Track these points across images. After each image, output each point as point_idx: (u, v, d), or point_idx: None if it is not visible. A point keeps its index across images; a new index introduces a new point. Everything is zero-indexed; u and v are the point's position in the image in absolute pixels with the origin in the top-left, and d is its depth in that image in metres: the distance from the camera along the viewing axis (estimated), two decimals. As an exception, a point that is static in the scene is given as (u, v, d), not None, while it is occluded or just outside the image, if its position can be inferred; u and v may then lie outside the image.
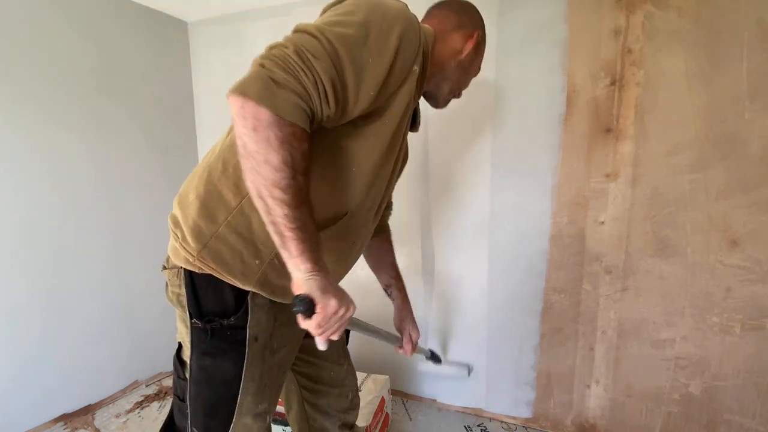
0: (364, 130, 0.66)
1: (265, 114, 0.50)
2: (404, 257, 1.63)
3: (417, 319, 1.64)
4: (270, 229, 0.56)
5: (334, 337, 0.62)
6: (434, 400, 1.70)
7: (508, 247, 1.44)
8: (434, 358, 1.39)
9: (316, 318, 0.57)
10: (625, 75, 1.19)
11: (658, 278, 1.24)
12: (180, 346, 0.77)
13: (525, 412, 1.53)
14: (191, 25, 1.91)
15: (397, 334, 1.10)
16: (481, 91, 1.38)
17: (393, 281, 1.09)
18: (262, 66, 0.52)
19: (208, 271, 0.66)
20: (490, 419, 1.59)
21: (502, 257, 1.45)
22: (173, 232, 0.71)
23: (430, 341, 1.65)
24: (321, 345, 0.62)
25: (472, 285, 1.52)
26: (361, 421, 1.29)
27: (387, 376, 1.55)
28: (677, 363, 1.27)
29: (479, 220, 1.47)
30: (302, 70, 0.52)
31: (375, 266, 1.10)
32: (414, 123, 0.84)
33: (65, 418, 1.58)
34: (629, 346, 1.32)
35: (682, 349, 1.25)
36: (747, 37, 1.05)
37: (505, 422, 1.57)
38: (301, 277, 0.57)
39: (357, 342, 1.80)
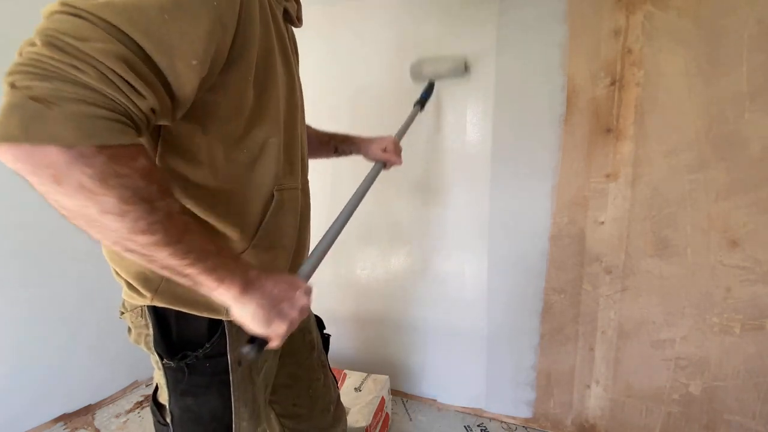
0: (234, 99, 0.53)
1: (54, 154, 0.34)
2: (404, 257, 1.63)
3: (417, 320, 1.64)
4: (167, 275, 0.45)
5: (303, 315, 0.55)
6: (434, 400, 1.70)
7: (508, 247, 1.44)
8: (424, 97, 1.27)
9: (276, 341, 0.52)
10: (625, 75, 1.19)
11: (658, 278, 1.24)
12: (157, 387, 0.69)
13: (525, 412, 1.53)
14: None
15: (376, 165, 0.97)
16: (480, 91, 1.38)
17: (333, 139, 0.99)
18: (13, 86, 0.34)
19: (173, 307, 0.59)
20: (490, 419, 1.59)
21: (502, 257, 1.45)
22: (120, 281, 0.62)
23: (430, 341, 1.65)
24: (274, 342, 0.56)
25: (472, 285, 1.52)
26: (361, 422, 1.29)
27: (387, 376, 1.55)
28: (677, 363, 1.27)
29: (479, 220, 1.47)
30: (70, 65, 0.35)
31: (312, 148, 0.93)
32: (291, 20, 0.69)
33: (65, 418, 1.58)
34: (629, 346, 1.32)
35: (682, 349, 1.25)
36: (747, 37, 1.05)
37: (505, 422, 1.57)
38: (236, 308, 0.49)
39: (357, 342, 1.80)
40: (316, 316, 0.97)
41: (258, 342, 0.51)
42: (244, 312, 0.49)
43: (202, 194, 0.56)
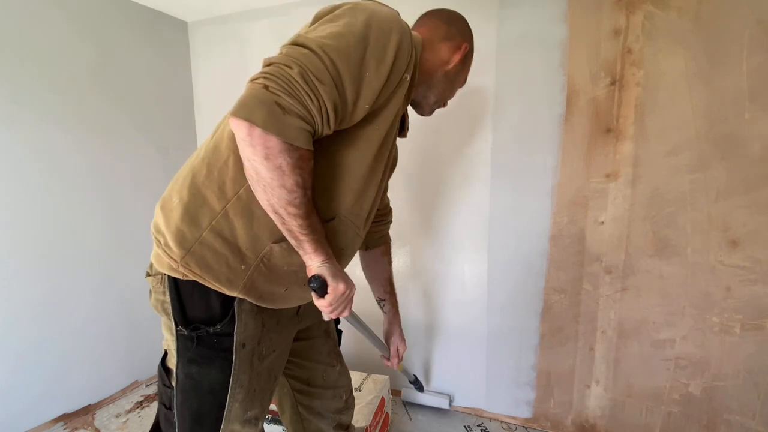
0: (356, 136, 0.67)
1: (274, 142, 0.53)
2: (404, 257, 1.63)
3: (418, 320, 1.65)
4: (285, 234, 0.62)
5: (345, 313, 0.70)
6: (434, 400, 1.70)
7: (508, 247, 1.44)
8: (417, 384, 1.43)
9: (328, 297, 0.65)
10: (625, 75, 1.19)
11: (658, 278, 1.24)
12: (165, 353, 0.76)
13: (525, 412, 1.53)
14: (191, 25, 1.91)
15: (385, 345, 1.13)
16: (481, 91, 1.38)
17: (387, 296, 1.11)
18: (266, 88, 0.52)
19: (193, 278, 0.65)
20: (490, 419, 1.59)
21: (502, 257, 1.45)
22: (155, 238, 0.69)
23: (431, 340, 1.65)
24: (326, 317, 0.70)
25: (472, 285, 1.52)
26: (361, 421, 1.29)
27: (387, 376, 1.55)
28: (677, 363, 1.27)
29: (479, 220, 1.47)
30: (307, 95, 0.53)
31: (371, 278, 1.11)
32: (402, 128, 0.85)
33: (65, 418, 1.58)
34: (629, 346, 1.32)
35: (682, 349, 1.25)
36: (747, 37, 1.05)
37: (505, 422, 1.57)
38: (315, 265, 0.64)
39: (357, 342, 1.80)
40: None
41: (321, 280, 0.64)
42: (324, 268, 0.64)
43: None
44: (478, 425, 1.56)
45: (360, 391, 1.45)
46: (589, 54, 1.22)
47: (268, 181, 0.55)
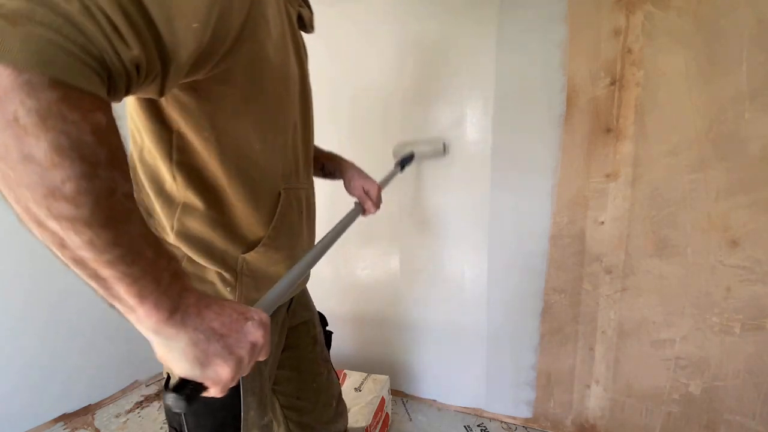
0: (250, 86, 0.51)
1: (1, 74, 0.27)
2: (404, 257, 1.63)
3: (417, 320, 1.64)
4: (79, 273, 0.33)
5: (262, 358, 0.44)
6: (434, 400, 1.70)
7: (508, 247, 1.44)
8: (405, 161, 1.29)
9: (215, 389, 0.40)
10: (625, 75, 1.19)
11: (658, 278, 1.24)
12: (168, 377, 0.68)
13: (525, 412, 1.53)
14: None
15: (356, 206, 0.94)
16: (480, 91, 1.38)
17: (323, 162, 0.96)
18: None
19: None
20: (490, 419, 1.59)
21: (502, 257, 1.45)
22: None
23: (430, 341, 1.65)
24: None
25: (472, 285, 1.52)
26: (361, 422, 1.29)
27: (387, 376, 1.55)
28: (677, 363, 1.27)
29: (479, 220, 1.47)
30: None
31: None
32: (303, 25, 0.68)
33: (65, 418, 1.58)
34: (629, 346, 1.32)
35: (682, 349, 1.25)
36: (747, 37, 1.05)
37: (505, 422, 1.57)
38: (153, 340, 0.37)
39: (357, 342, 1.80)
40: (320, 313, 0.98)
41: (189, 387, 0.38)
42: (170, 348, 0.37)
43: (212, 190, 0.57)
44: (478, 425, 1.56)
45: (360, 391, 1.45)
46: (589, 54, 1.22)
47: (2, 152, 0.28)
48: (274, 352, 0.76)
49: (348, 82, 1.58)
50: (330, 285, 1.78)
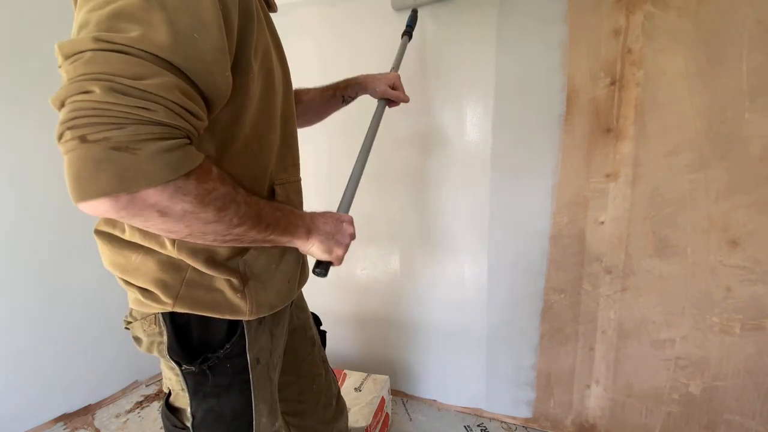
0: (249, 84, 0.54)
1: (153, 195, 0.37)
2: (404, 257, 1.63)
3: (417, 320, 1.64)
4: (259, 245, 0.56)
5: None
6: (434, 400, 1.70)
7: (508, 247, 1.44)
8: (410, 25, 1.22)
9: (338, 262, 0.64)
10: (625, 75, 1.19)
11: (658, 278, 1.24)
12: (169, 392, 0.68)
13: (525, 412, 1.53)
14: (191, 25, 1.90)
15: (380, 103, 0.98)
16: (480, 91, 1.38)
17: (337, 90, 0.98)
18: (83, 140, 0.36)
19: (191, 312, 0.59)
20: (490, 419, 1.59)
21: (502, 257, 1.45)
22: (131, 290, 0.61)
23: (431, 340, 1.65)
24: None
25: (472, 285, 1.52)
26: (361, 421, 1.29)
27: (387, 376, 1.55)
28: (677, 363, 1.27)
29: (479, 220, 1.47)
30: (138, 107, 0.36)
31: (320, 108, 0.98)
32: (269, 5, 0.73)
33: (65, 418, 1.58)
34: (629, 346, 1.32)
35: (682, 349, 1.25)
36: (747, 37, 1.05)
37: (505, 422, 1.57)
38: (305, 248, 0.62)
39: (357, 342, 1.80)
40: (313, 314, 0.98)
41: (324, 264, 0.64)
42: (313, 249, 0.61)
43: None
44: (478, 425, 1.56)
45: (360, 391, 1.45)
46: (589, 54, 1.22)
47: (189, 231, 0.43)
48: (282, 355, 0.76)
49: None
50: (330, 285, 1.77)
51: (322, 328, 1.00)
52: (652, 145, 1.19)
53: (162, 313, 0.59)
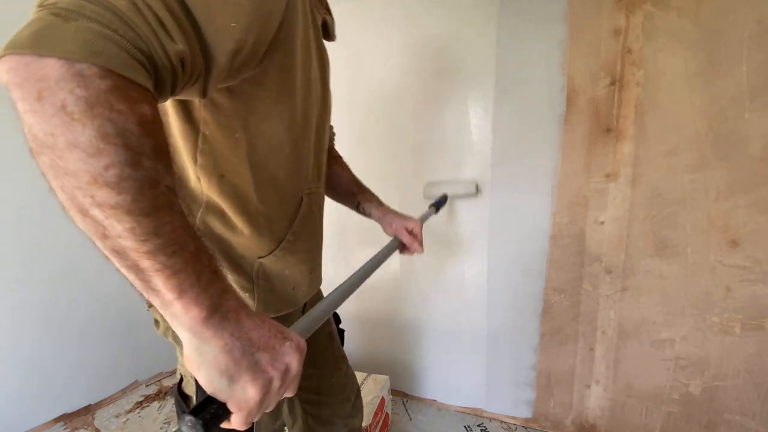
0: (278, 90, 0.52)
1: (50, 65, 0.28)
2: (404, 257, 1.63)
3: (417, 320, 1.63)
4: (118, 265, 0.34)
5: (289, 394, 0.41)
6: (434, 400, 1.70)
7: (508, 247, 1.44)
8: (439, 203, 1.25)
9: (239, 415, 0.36)
10: (625, 75, 1.19)
11: (658, 278, 1.24)
12: (182, 378, 0.70)
13: (525, 412, 1.53)
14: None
15: (393, 242, 0.93)
16: (480, 91, 1.38)
17: (359, 196, 0.96)
18: (41, 6, 0.31)
19: None
20: (490, 419, 1.59)
21: (502, 257, 1.45)
22: None
23: (431, 340, 1.65)
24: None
25: (472, 285, 1.52)
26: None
27: (387, 376, 1.55)
28: (677, 363, 1.27)
29: (479, 220, 1.47)
30: None
31: (337, 195, 0.96)
32: (327, 33, 0.69)
33: (65, 418, 1.58)
34: (629, 346, 1.32)
35: (682, 349, 1.25)
36: (747, 37, 1.05)
37: (505, 422, 1.57)
38: (188, 341, 0.35)
39: (357, 342, 1.80)
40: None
41: (210, 411, 0.34)
42: (201, 352, 0.35)
43: (237, 192, 0.56)
44: (478, 425, 1.56)
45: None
46: (589, 54, 1.22)
47: (49, 139, 0.29)
48: None
49: (349, 84, 1.58)
50: (330, 285, 1.77)
51: (340, 326, 1.01)
52: (652, 145, 1.19)
53: None
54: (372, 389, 1.45)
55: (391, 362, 1.73)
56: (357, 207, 0.97)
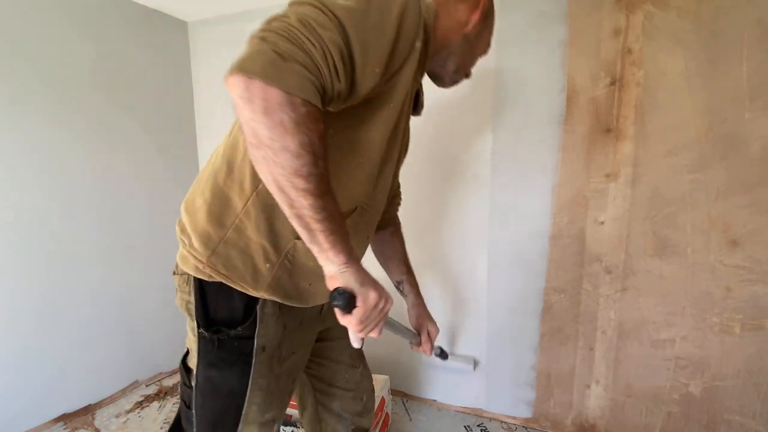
0: (368, 117, 0.62)
1: (274, 93, 0.45)
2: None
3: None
4: (295, 223, 0.52)
5: (374, 334, 0.60)
6: (434, 400, 1.70)
7: (508, 247, 1.44)
8: (443, 354, 1.34)
9: (357, 313, 0.55)
10: (625, 75, 1.19)
11: (658, 278, 1.24)
12: (187, 352, 0.76)
13: (525, 412, 1.53)
14: (191, 25, 1.91)
15: (415, 332, 1.04)
16: (480, 91, 1.38)
17: (405, 276, 1.05)
18: (264, 40, 0.47)
19: (218, 279, 0.65)
20: (490, 419, 1.59)
21: (502, 257, 1.45)
22: (181, 239, 0.69)
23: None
24: (356, 342, 0.60)
25: (472, 285, 1.52)
26: (361, 421, 1.29)
27: (387, 376, 1.55)
28: (677, 363, 1.27)
29: (479, 220, 1.47)
30: (309, 40, 0.47)
31: (385, 261, 1.06)
32: (416, 106, 0.81)
33: (65, 418, 1.58)
34: (629, 346, 1.32)
35: (682, 349, 1.25)
36: (747, 37, 1.05)
37: (505, 422, 1.57)
38: (335, 270, 0.54)
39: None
40: None
41: (348, 297, 0.54)
42: (341, 274, 0.54)
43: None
44: (478, 425, 1.56)
45: (360, 391, 1.45)
46: (589, 54, 1.22)
47: (268, 142, 0.46)
48: (298, 355, 0.77)
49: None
50: (330, 285, 1.77)
51: None
52: (652, 145, 1.19)
53: (194, 277, 0.67)
54: (372, 389, 1.45)
55: (391, 362, 1.73)
56: (398, 284, 1.07)
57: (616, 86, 1.21)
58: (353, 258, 0.55)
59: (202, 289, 0.67)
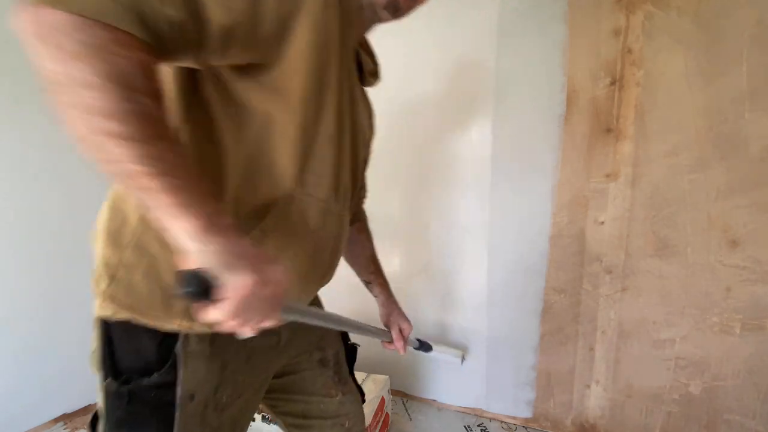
0: (269, 82, 0.49)
1: (60, 17, 0.33)
2: (403, 257, 1.63)
3: (417, 320, 1.63)
4: (129, 189, 0.39)
5: (269, 322, 0.44)
6: (434, 400, 1.70)
7: (508, 247, 1.44)
8: (423, 346, 1.30)
9: (223, 306, 0.39)
10: (625, 75, 1.19)
11: (658, 278, 1.24)
12: (96, 415, 0.61)
13: (525, 412, 1.53)
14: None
15: (386, 332, 0.99)
16: (480, 91, 1.38)
17: (373, 276, 0.98)
18: None
19: (123, 314, 0.52)
20: (490, 419, 1.59)
21: (502, 257, 1.45)
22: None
23: (430, 341, 1.65)
24: (244, 334, 0.44)
25: (472, 285, 1.52)
26: (361, 421, 1.28)
27: (387, 376, 1.55)
28: (677, 363, 1.27)
29: (479, 220, 1.47)
30: None
31: (352, 260, 0.98)
32: (362, 73, 0.66)
33: (65, 418, 1.58)
34: (629, 346, 1.32)
35: (682, 349, 1.25)
36: (747, 37, 1.05)
37: (505, 422, 1.57)
38: (192, 247, 0.38)
39: (357, 341, 1.80)
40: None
41: (200, 281, 0.38)
42: (203, 253, 0.38)
43: (208, 149, 0.51)
44: (478, 425, 1.56)
45: (360, 391, 1.45)
46: (589, 54, 1.22)
47: (58, 78, 0.34)
48: (245, 395, 0.64)
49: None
50: (330, 284, 1.77)
51: (350, 342, 0.97)
52: (652, 145, 1.19)
53: (98, 319, 0.55)
54: (372, 389, 1.45)
55: (391, 362, 1.73)
56: (366, 284, 1.00)
57: (616, 86, 1.21)
58: (220, 225, 0.39)
59: (108, 331, 0.55)
